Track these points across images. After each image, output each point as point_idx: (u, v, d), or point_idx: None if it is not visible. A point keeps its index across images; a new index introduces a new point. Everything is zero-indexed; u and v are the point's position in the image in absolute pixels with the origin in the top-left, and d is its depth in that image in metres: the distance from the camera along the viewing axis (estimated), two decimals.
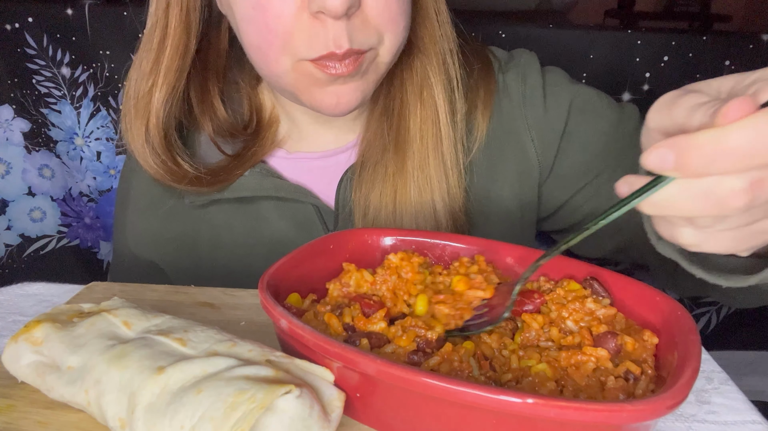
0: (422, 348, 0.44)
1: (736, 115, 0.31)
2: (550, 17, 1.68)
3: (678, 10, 2.56)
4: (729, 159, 0.31)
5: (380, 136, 0.71)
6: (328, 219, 0.73)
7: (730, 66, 1.14)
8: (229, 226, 0.75)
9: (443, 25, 0.70)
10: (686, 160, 0.32)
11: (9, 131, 1.19)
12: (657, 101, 0.37)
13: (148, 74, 0.68)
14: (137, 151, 0.70)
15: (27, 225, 1.24)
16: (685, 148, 0.32)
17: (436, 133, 0.69)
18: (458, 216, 0.70)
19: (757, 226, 0.36)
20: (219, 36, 0.73)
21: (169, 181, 0.71)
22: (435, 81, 0.69)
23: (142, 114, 0.69)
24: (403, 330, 0.45)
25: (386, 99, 0.71)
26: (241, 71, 0.75)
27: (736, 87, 0.36)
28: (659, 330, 0.45)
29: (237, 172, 0.72)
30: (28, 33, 1.15)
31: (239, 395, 0.36)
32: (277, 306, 0.44)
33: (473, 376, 0.42)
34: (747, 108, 0.31)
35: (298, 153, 0.76)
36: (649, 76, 1.16)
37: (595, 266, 0.52)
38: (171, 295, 0.60)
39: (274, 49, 0.60)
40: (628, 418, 0.33)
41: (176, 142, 0.71)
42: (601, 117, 0.75)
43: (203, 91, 0.72)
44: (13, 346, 0.45)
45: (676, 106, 0.35)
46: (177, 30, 0.66)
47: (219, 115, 0.73)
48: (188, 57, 0.68)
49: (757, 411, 0.45)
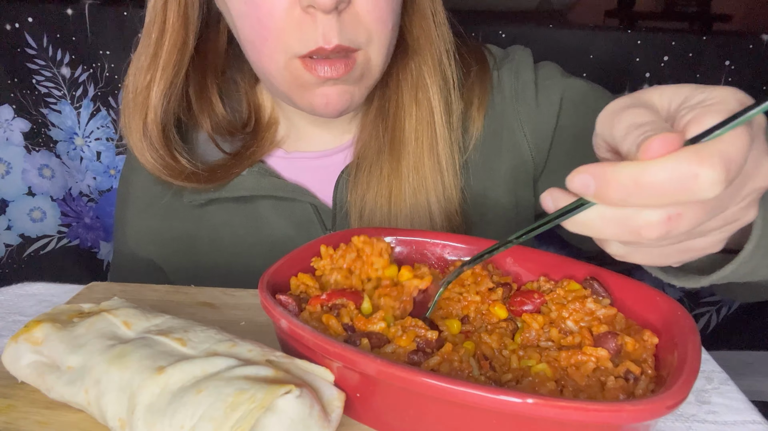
0: (422, 348, 0.44)
1: (657, 152, 0.31)
2: (550, 17, 1.68)
3: (678, 10, 2.56)
4: (646, 194, 0.31)
5: (375, 136, 0.71)
6: (326, 218, 0.74)
7: (730, 66, 1.14)
8: (228, 225, 0.75)
9: (440, 25, 0.70)
10: (606, 190, 0.32)
11: (9, 131, 1.19)
12: (605, 108, 0.37)
13: (146, 69, 0.68)
14: (135, 145, 0.70)
15: (27, 225, 1.24)
16: (606, 180, 0.32)
17: (431, 133, 0.69)
18: (454, 217, 0.70)
19: (682, 246, 0.37)
20: (217, 34, 0.73)
21: (165, 176, 0.71)
22: (431, 82, 0.69)
23: (140, 108, 0.69)
24: (403, 330, 0.45)
25: (381, 100, 0.72)
26: (240, 70, 0.75)
27: (685, 103, 0.36)
28: (659, 330, 0.45)
29: (235, 171, 0.72)
30: (28, 33, 1.15)
31: (239, 395, 0.36)
32: (277, 306, 0.44)
33: (473, 376, 0.42)
34: (670, 146, 0.31)
35: (296, 152, 0.76)
36: (649, 76, 1.16)
37: (595, 266, 0.52)
38: (171, 295, 0.60)
39: (268, 45, 0.61)
40: (628, 418, 0.33)
41: (174, 138, 0.72)
42: (594, 110, 0.75)
43: (201, 88, 0.73)
44: (13, 346, 0.45)
45: (617, 121, 0.35)
46: (175, 25, 0.67)
47: (217, 112, 0.73)
48: (186, 53, 0.69)
49: (757, 411, 0.45)
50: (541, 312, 0.49)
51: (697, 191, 0.31)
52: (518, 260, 0.56)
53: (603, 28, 1.29)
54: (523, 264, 0.55)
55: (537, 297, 0.50)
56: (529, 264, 0.55)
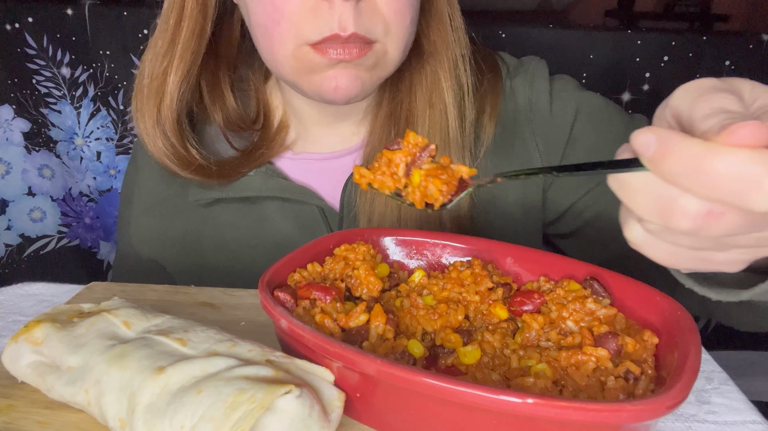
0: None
1: (742, 140, 0.28)
2: (550, 17, 1.68)
3: (678, 10, 2.56)
4: (701, 178, 0.29)
5: (386, 139, 0.70)
6: (332, 220, 0.73)
7: (730, 66, 1.14)
8: (233, 226, 0.75)
9: (456, 30, 0.70)
10: (663, 157, 0.30)
11: (9, 131, 1.19)
12: (691, 83, 0.34)
13: (163, 55, 0.68)
14: (147, 132, 0.69)
15: (27, 225, 1.24)
16: (668, 147, 0.30)
17: (443, 137, 0.68)
18: (463, 222, 0.70)
19: (702, 254, 0.35)
20: (231, 25, 0.73)
21: (175, 167, 0.70)
22: (446, 86, 0.68)
23: (155, 94, 0.68)
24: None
25: (392, 103, 0.71)
26: (251, 66, 0.75)
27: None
28: (659, 330, 0.45)
29: (243, 170, 0.72)
30: (28, 33, 1.15)
31: (239, 395, 0.36)
32: (277, 306, 0.44)
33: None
34: (759, 138, 0.28)
35: (304, 153, 0.76)
36: (649, 76, 1.16)
37: (595, 266, 0.52)
38: (171, 295, 0.60)
39: (280, 30, 0.60)
40: (628, 418, 0.33)
41: (186, 127, 0.71)
42: (608, 125, 0.75)
43: (214, 80, 0.72)
44: (13, 346, 0.44)
45: (704, 99, 0.32)
46: (194, 12, 0.67)
47: (229, 106, 0.73)
48: (204, 40, 0.68)
49: (757, 411, 0.45)
50: (541, 312, 0.49)
51: (752, 199, 0.28)
52: (518, 260, 0.56)
53: (603, 28, 1.29)
54: (523, 264, 0.55)
55: (537, 297, 0.50)
56: (529, 264, 0.55)
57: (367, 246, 0.54)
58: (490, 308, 0.50)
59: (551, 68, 0.77)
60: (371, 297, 0.50)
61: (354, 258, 0.53)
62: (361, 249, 0.54)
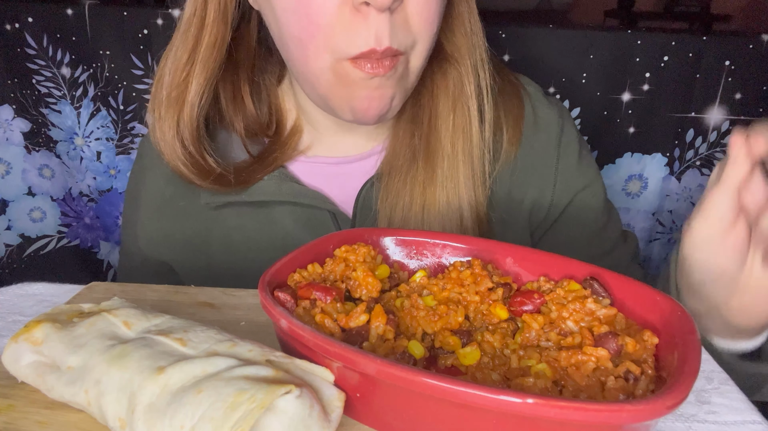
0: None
1: None
2: (550, 17, 1.68)
3: (678, 10, 2.56)
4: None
5: (408, 144, 0.70)
6: (344, 226, 0.72)
7: (730, 66, 1.14)
8: (242, 228, 0.74)
9: (475, 34, 0.70)
10: None
11: (9, 131, 1.19)
12: None
13: (184, 64, 0.67)
14: (166, 142, 0.69)
15: (27, 225, 1.25)
16: None
17: (467, 139, 0.69)
18: (483, 221, 0.70)
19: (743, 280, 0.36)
20: (249, 32, 0.72)
21: (193, 177, 0.69)
22: (470, 90, 0.69)
23: (175, 104, 0.68)
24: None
25: (414, 108, 0.71)
26: (264, 71, 0.74)
27: None
28: (659, 330, 0.45)
29: (258, 176, 0.71)
30: (28, 33, 1.15)
31: (239, 395, 0.36)
32: (277, 306, 0.44)
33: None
34: None
35: (317, 157, 0.75)
36: (649, 76, 1.16)
37: (595, 266, 0.52)
38: (171, 295, 0.60)
39: (315, 43, 0.59)
40: (628, 418, 0.33)
41: (204, 136, 0.70)
42: (593, 216, 0.78)
43: (234, 88, 0.72)
44: (13, 346, 0.44)
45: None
46: (216, 21, 0.66)
47: (249, 113, 0.72)
48: (224, 50, 0.68)
49: (757, 411, 0.45)
50: (541, 313, 0.49)
51: None
52: (518, 260, 0.56)
53: (603, 28, 1.29)
54: (523, 264, 0.55)
55: (537, 297, 0.50)
56: (529, 264, 0.55)
57: (367, 248, 0.54)
58: (490, 308, 0.50)
59: (551, 68, 0.77)
60: (371, 298, 0.50)
61: (354, 260, 0.53)
62: (361, 251, 0.54)
